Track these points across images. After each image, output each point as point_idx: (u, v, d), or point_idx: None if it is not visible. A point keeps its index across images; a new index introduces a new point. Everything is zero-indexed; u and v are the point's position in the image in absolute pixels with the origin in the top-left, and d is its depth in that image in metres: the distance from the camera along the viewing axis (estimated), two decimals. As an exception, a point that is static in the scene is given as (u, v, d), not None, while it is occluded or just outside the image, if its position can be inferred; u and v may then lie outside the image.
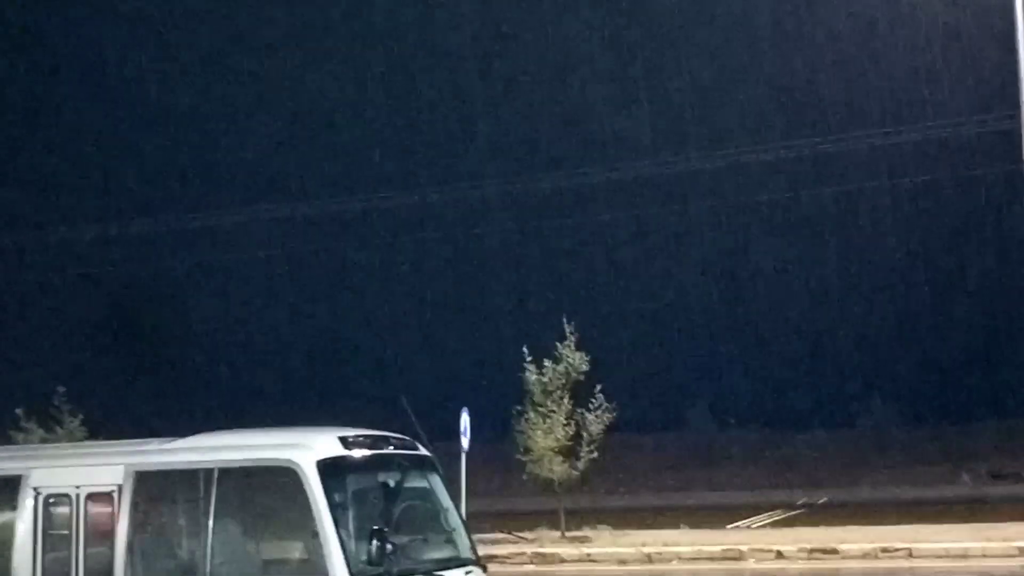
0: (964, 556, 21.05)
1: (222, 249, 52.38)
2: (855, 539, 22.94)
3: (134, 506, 10.04)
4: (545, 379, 25.52)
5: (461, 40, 58.19)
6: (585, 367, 25.54)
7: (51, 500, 10.40)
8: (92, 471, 10.41)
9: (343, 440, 9.91)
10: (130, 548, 9.96)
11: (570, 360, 25.48)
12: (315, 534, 9.30)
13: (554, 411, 25.51)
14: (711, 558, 22.52)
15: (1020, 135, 20.72)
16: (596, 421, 25.55)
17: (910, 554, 21.50)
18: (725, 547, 23.01)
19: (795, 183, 48.31)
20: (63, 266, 52.28)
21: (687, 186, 49.38)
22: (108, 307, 55.56)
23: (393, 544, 9.29)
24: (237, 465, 9.92)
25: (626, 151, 50.81)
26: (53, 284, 54.03)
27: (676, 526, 26.72)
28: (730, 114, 52.86)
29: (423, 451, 10.71)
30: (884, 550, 21.76)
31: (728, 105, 53.26)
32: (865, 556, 21.70)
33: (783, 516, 31.19)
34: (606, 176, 45.31)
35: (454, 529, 10.60)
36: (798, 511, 32.97)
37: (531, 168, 52.56)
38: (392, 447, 10.33)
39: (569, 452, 25.72)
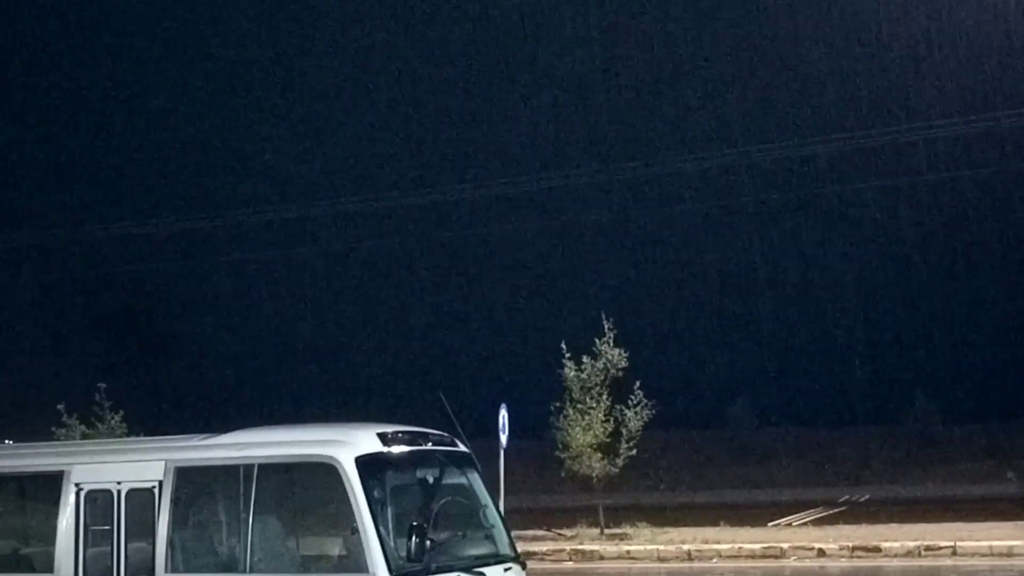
0: (1008, 554, 20.80)
1: (257, 247, 52.66)
2: (898, 537, 22.73)
3: (174, 502, 10.08)
4: (584, 375, 25.44)
5: (485, 38, 58.18)
6: (624, 363, 25.43)
7: (93, 496, 10.45)
8: (133, 467, 10.45)
9: (382, 436, 9.89)
10: (171, 543, 10.00)
11: (609, 356, 25.38)
12: (354, 530, 9.28)
13: (593, 408, 25.43)
14: (752, 556, 22.39)
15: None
16: (635, 418, 25.44)
17: (954, 552, 21.28)
18: (766, 545, 22.86)
19: (840, 180, 47.93)
20: (101, 267, 52.71)
21: (730, 182, 49.11)
22: (148, 307, 56.01)
23: (432, 540, 9.26)
24: (277, 461, 9.92)
25: (663, 146, 50.61)
26: (90, 285, 54.54)
27: (716, 523, 26.57)
28: (778, 108, 52.55)
29: (462, 447, 10.68)
30: (927, 548, 21.54)
31: (776, 99, 52.94)
32: (908, 554, 21.50)
33: (825, 514, 30.94)
34: (645, 171, 45.10)
35: (493, 525, 10.55)
36: (840, 508, 32.72)
37: (568, 163, 52.46)
38: (431, 443, 10.30)
39: (608, 449, 25.63)
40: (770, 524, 27.95)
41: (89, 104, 62.14)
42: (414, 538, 9.09)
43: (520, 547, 11.07)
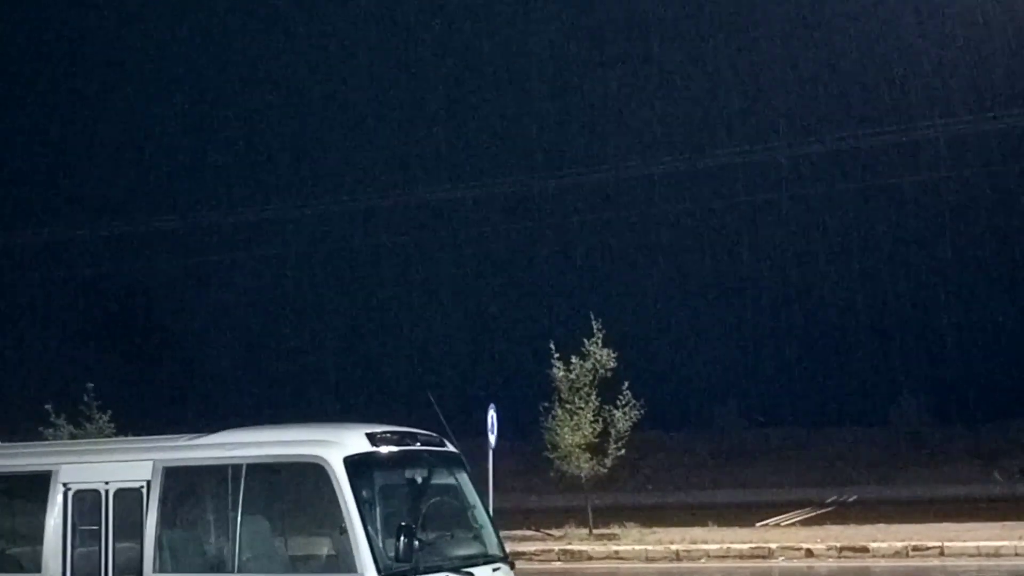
0: (996, 555, 20.89)
1: (246, 247, 52.61)
2: (886, 537, 22.80)
3: (163, 502, 10.06)
4: (572, 376, 25.47)
5: (479, 39, 58.20)
6: (612, 363, 25.46)
7: (80, 495, 10.42)
8: (121, 467, 10.43)
9: (370, 437, 9.89)
10: (159, 543, 9.98)
11: (597, 357, 25.41)
12: (343, 530, 9.29)
13: (581, 408, 25.46)
14: (740, 556, 22.43)
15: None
16: (624, 418, 25.47)
17: (941, 552, 21.36)
18: (754, 545, 22.91)
19: (826, 180, 48.08)
20: (89, 267, 52.62)
21: (718, 182, 49.22)
22: (136, 307, 55.89)
23: (420, 540, 9.26)
24: (265, 461, 9.92)
25: (655, 147, 50.67)
26: (78, 285, 54.42)
27: (705, 524, 26.61)
28: (767, 108, 52.69)
29: (450, 448, 10.68)
30: (915, 548, 21.61)
31: (767, 99, 53.08)
32: (896, 555, 21.56)
33: (813, 514, 31.01)
34: (634, 172, 45.16)
35: (481, 526, 10.56)
36: (828, 509, 32.80)
37: (557, 165, 52.49)
38: (419, 444, 10.30)
39: (596, 449, 25.67)
40: (758, 524, 27.99)
41: (81, 102, 62.05)
42: (402, 538, 9.09)
43: (508, 547, 11.07)
